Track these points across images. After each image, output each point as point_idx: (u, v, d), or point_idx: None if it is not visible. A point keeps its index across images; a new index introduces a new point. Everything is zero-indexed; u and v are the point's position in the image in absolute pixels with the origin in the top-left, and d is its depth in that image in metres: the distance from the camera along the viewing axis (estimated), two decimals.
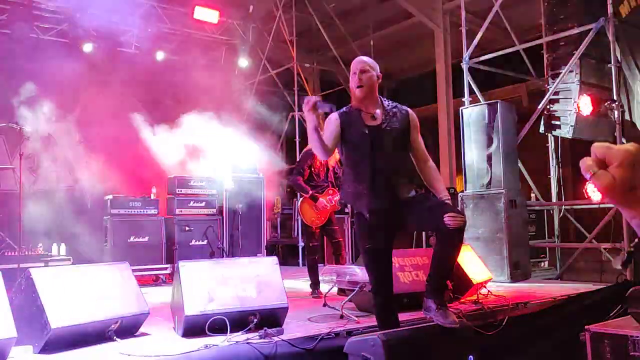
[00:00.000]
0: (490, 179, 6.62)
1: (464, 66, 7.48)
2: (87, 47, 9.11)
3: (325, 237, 6.14)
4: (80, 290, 3.51)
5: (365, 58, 3.29)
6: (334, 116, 3.24)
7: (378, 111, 3.23)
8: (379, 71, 3.29)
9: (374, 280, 3.28)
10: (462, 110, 7.12)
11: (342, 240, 5.78)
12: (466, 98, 7.45)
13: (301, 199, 5.72)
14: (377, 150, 3.16)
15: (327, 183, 5.69)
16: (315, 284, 5.60)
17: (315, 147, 3.12)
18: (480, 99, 7.63)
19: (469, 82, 7.51)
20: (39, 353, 3.24)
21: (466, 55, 7.45)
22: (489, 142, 6.72)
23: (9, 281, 3.22)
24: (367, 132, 3.16)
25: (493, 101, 6.92)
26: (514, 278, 6.26)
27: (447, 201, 3.17)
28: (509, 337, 3.98)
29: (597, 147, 1.03)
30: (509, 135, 6.79)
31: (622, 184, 0.99)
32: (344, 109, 3.29)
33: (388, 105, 3.26)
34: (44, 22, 9.14)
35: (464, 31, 7.59)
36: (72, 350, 3.31)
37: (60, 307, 3.32)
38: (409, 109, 3.34)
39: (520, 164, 7.24)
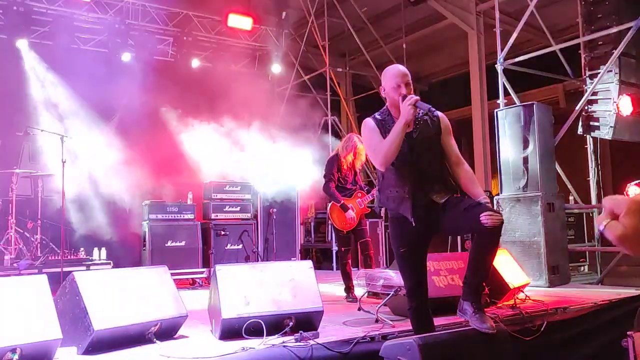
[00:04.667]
0: (527, 181, 6.51)
1: (499, 67, 7.36)
2: (125, 57, 9.36)
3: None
4: (121, 293, 3.61)
5: (405, 69, 3.25)
6: (371, 123, 3.24)
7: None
8: None
9: (409, 284, 3.27)
10: (497, 112, 7.03)
11: (369, 239, 5.71)
12: (501, 100, 7.33)
13: (330, 204, 5.72)
14: (411, 157, 3.15)
15: (355, 186, 5.70)
16: (349, 288, 5.60)
17: (391, 144, 3.03)
18: (516, 101, 7.51)
19: (503, 84, 7.39)
20: (83, 354, 3.34)
21: (501, 56, 7.34)
22: (525, 144, 6.61)
23: (53, 284, 3.33)
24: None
25: (529, 102, 6.80)
26: (552, 283, 6.13)
27: (483, 201, 3.13)
28: (547, 342, 3.91)
29: (606, 199, 1.05)
30: (546, 137, 6.66)
31: (633, 232, 1.00)
32: (377, 115, 3.29)
33: (419, 113, 3.22)
34: (84, 32, 9.44)
35: (498, 32, 7.47)
36: (114, 351, 3.40)
37: (102, 309, 3.41)
38: (440, 114, 3.31)
39: (558, 166, 7.08)
